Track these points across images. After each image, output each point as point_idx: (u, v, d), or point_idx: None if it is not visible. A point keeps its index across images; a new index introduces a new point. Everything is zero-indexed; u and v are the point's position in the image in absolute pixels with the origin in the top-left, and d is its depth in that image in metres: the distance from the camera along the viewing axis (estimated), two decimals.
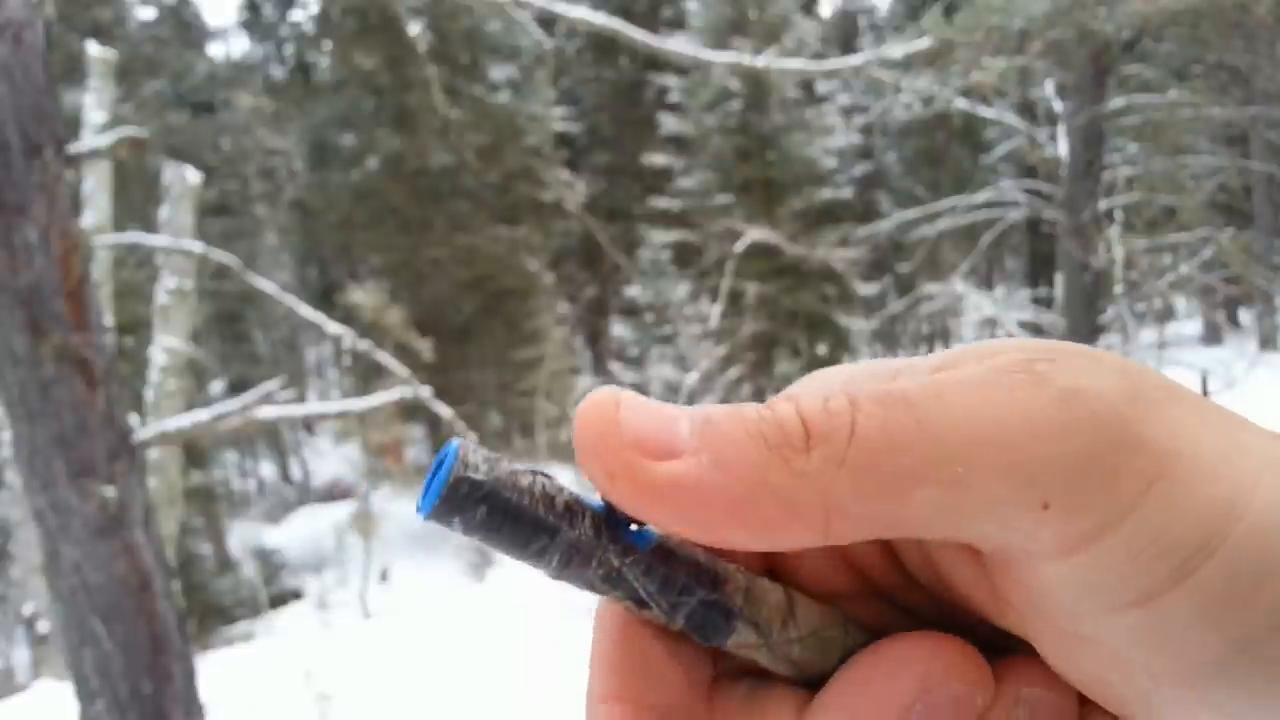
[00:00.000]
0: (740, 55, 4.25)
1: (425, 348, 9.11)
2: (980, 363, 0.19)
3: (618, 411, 0.19)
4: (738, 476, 0.18)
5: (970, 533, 0.18)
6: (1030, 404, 0.18)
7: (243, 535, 14.64)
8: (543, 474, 0.20)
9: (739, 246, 9.52)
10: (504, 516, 0.19)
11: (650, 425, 0.19)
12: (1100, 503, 0.17)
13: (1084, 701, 0.21)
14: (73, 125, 4.48)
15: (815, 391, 0.20)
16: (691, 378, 9.92)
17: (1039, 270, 19.64)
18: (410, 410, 9.35)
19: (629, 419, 0.19)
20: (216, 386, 14.86)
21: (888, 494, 0.18)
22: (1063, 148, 8.41)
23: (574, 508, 0.19)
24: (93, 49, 5.22)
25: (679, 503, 0.18)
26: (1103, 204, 7.92)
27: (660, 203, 14.71)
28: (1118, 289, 7.19)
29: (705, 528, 0.18)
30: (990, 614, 0.21)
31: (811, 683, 0.21)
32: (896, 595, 0.23)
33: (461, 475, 0.19)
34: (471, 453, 0.19)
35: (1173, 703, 0.19)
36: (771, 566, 0.23)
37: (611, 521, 0.20)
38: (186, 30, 20.43)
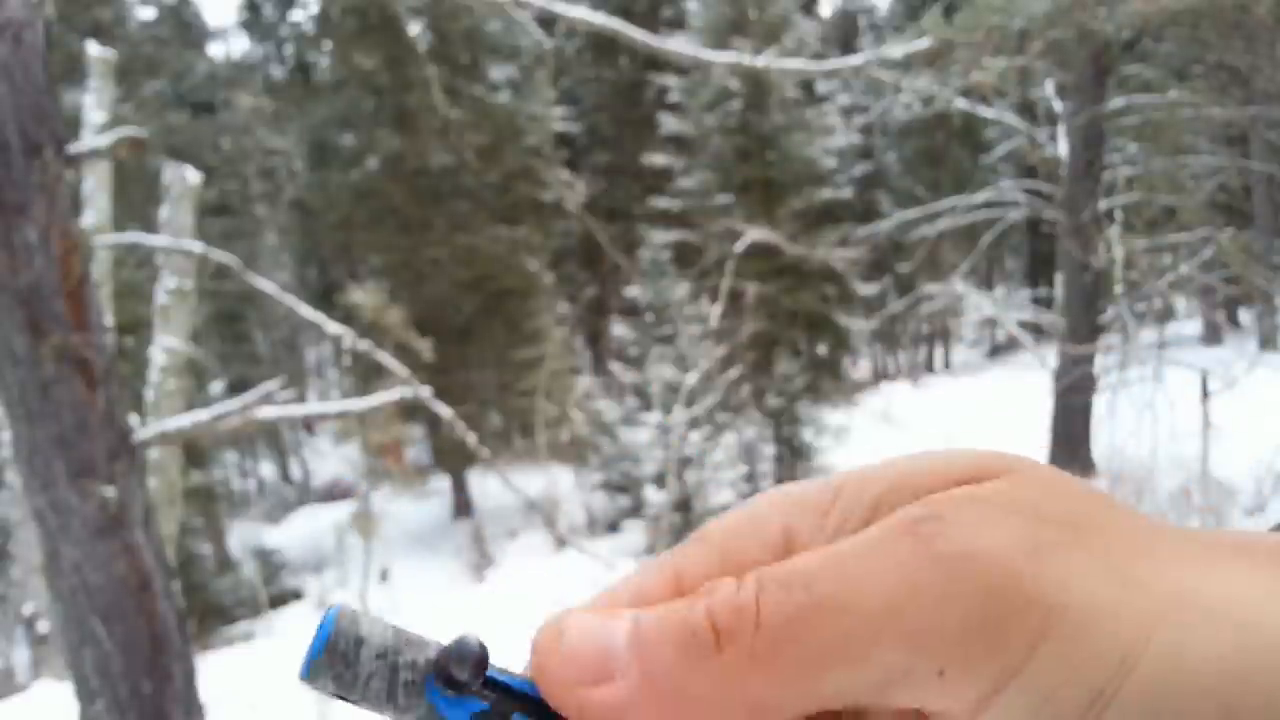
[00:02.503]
0: (740, 55, 4.25)
1: (425, 348, 9.11)
2: (878, 521, 0.19)
3: (559, 643, 0.20)
4: (662, 692, 0.19)
5: (888, 701, 0.19)
6: (915, 572, 0.18)
7: (243, 535, 14.64)
8: (404, 678, 0.21)
9: (739, 246, 9.53)
10: (366, 704, 0.20)
11: (588, 650, 0.20)
12: (988, 666, 0.18)
13: None
14: (73, 125, 4.47)
15: (739, 545, 0.21)
16: (691, 378, 9.92)
17: (1039, 270, 19.65)
18: (410, 410, 9.35)
19: (570, 646, 0.20)
20: (216, 386, 14.86)
21: (800, 679, 0.19)
22: (1063, 148, 8.41)
23: None
24: (93, 49, 5.22)
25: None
26: (1103, 204, 7.92)
27: (660, 203, 14.71)
28: (1118, 289, 7.19)
29: None
30: None
31: None
32: None
33: (323, 664, 0.20)
34: (342, 639, 0.20)
35: None
36: None
37: None
38: (186, 30, 20.44)
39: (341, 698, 0.20)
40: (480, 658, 0.21)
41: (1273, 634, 0.17)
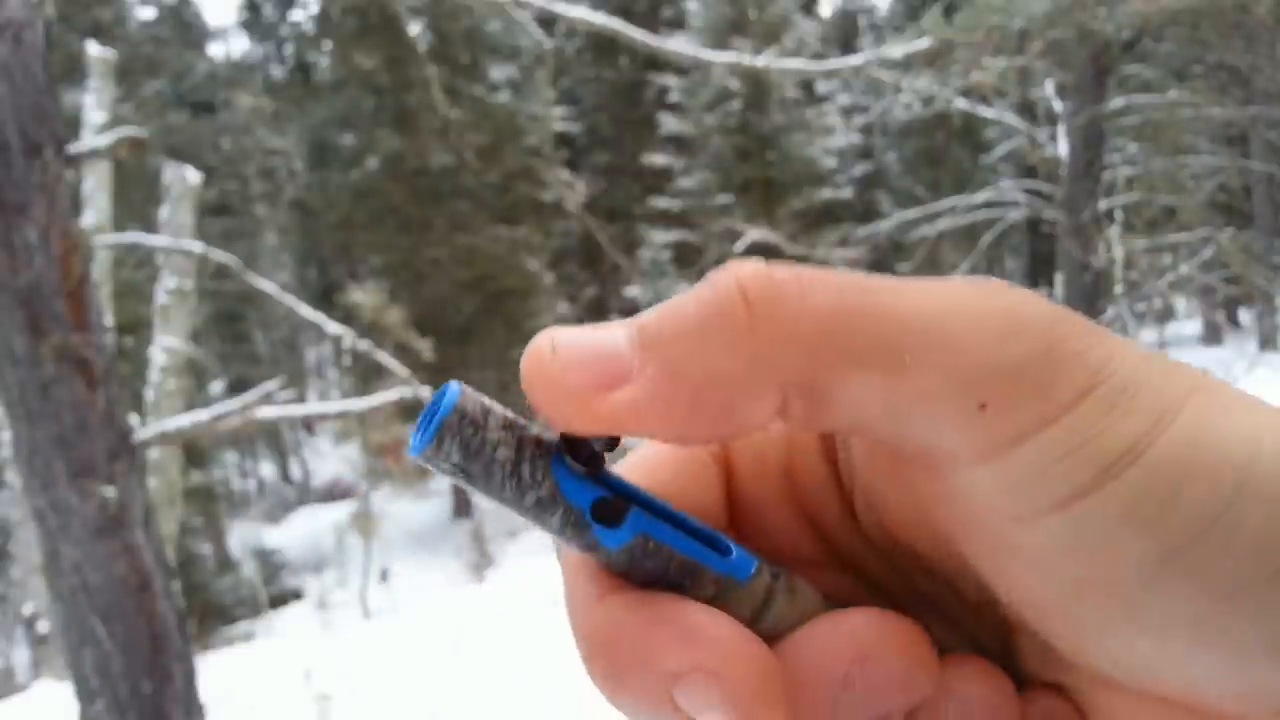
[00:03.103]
0: (740, 55, 4.25)
1: (425, 348, 9.11)
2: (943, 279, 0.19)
3: (555, 355, 0.19)
4: (690, 379, 0.18)
5: (902, 428, 0.19)
6: (981, 310, 0.18)
7: (243, 535, 14.64)
8: (530, 451, 0.20)
9: (739, 246, 9.53)
10: (484, 482, 0.19)
11: (591, 357, 0.19)
12: (1035, 405, 0.18)
13: (1026, 704, 0.22)
14: (73, 125, 4.47)
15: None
16: None
17: (1039, 270, 19.64)
18: (410, 410, 9.34)
19: (568, 358, 0.19)
20: (216, 386, 14.85)
21: (834, 368, 0.18)
22: (1063, 148, 8.41)
23: (546, 503, 0.20)
24: (93, 49, 5.22)
25: (642, 422, 0.18)
26: (1103, 204, 7.92)
27: (660, 203, 14.71)
28: (1118, 289, 7.19)
29: (672, 435, 0.19)
30: (928, 553, 0.22)
31: None
32: (859, 564, 0.24)
33: (453, 425, 0.19)
34: (466, 409, 0.19)
35: (1099, 617, 0.19)
36: (740, 529, 0.23)
37: (580, 523, 0.20)
38: (186, 30, 20.44)
39: (462, 470, 0.19)
40: (612, 439, 0.20)
41: None
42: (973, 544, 0.20)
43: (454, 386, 0.20)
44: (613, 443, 0.20)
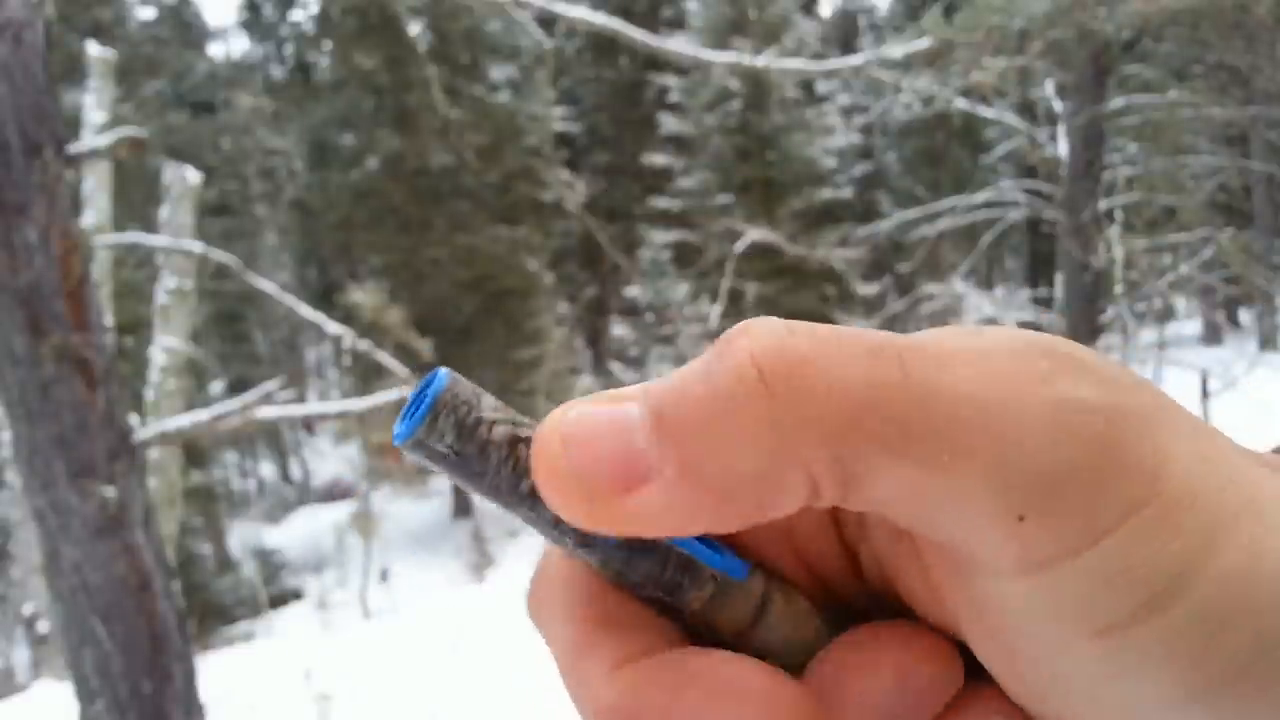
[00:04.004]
0: (740, 55, 4.25)
1: (425, 348, 9.11)
2: (982, 338, 0.17)
3: (566, 452, 0.17)
4: (712, 479, 0.16)
5: (930, 525, 0.17)
6: (1032, 400, 0.16)
7: (243, 535, 14.64)
8: (527, 434, 0.18)
9: (739, 246, 9.52)
10: (478, 466, 0.18)
11: (605, 455, 0.17)
12: (1078, 522, 0.16)
13: None
14: (73, 125, 4.47)
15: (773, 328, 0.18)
16: None
17: (1039, 270, 19.64)
18: None
19: (580, 458, 0.17)
20: (216, 386, 14.85)
21: (867, 460, 0.16)
22: (1063, 148, 8.41)
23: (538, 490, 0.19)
24: (93, 49, 5.22)
25: (665, 525, 0.17)
26: (1103, 204, 7.92)
27: (660, 203, 14.71)
28: (1118, 289, 7.19)
29: (697, 529, 0.17)
30: (941, 626, 0.21)
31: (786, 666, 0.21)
32: (855, 607, 0.23)
33: (447, 403, 0.18)
34: (458, 390, 0.18)
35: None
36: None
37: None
38: (186, 30, 20.43)
39: (455, 453, 0.18)
40: None
41: None
42: (991, 646, 0.19)
43: (443, 370, 0.18)
44: None
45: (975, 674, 0.21)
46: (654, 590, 0.20)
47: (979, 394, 0.16)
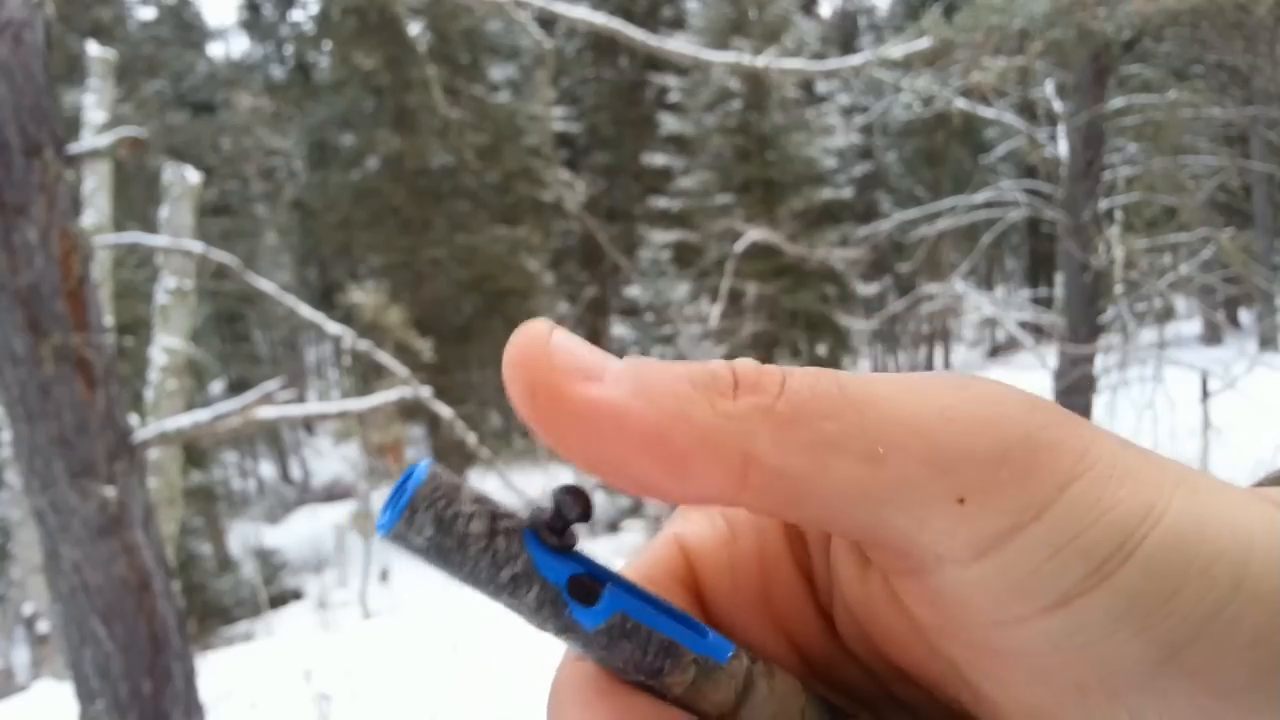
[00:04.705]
0: (740, 55, 4.25)
1: (425, 348, 9.12)
2: (909, 376, 0.19)
3: (550, 335, 0.19)
4: (659, 406, 0.18)
5: (881, 523, 0.18)
6: (951, 399, 0.18)
7: (243, 535, 14.64)
8: (504, 525, 0.19)
9: (739, 246, 9.52)
10: (458, 557, 0.19)
11: (580, 352, 0.19)
12: (1016, 498, 0.17)
13: None
14: (73, 125, 4.47)
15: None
16: None
17: (1039, 270, 19.64)
18: (410, 410, 9.35)
19: (560, 343, 0.19)
20: (216, 386, 14.85)
21: (808, 454, 0.17)
22: (1063, 148, 8.40)
23: (521, 580, 0.19)
24: (93, 49, 5.22)
25: (596, 426, 0.18)
26: (1103, 204, 7.92)
27: (660, 203, 14.71)
28: (1118, 289, 7.19)
29: (617, 459, 0.18)
30: (914, 662, 0.21)
31: None
32: (838, 675, 0.24)
33: (425, 497, 0.18)
34: (438, 484, 0.18)
35: (1100, 718, 0.18)
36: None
37: (556, 600, 0.19)
38: (186, 30, 20.43)
39: (434, 545, 0.18)
40: (585, 512, 0.19)
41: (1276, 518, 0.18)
42: (963, 648, 0.19)
43: (424, 463, 0.19)
44: (585, 512, 0.19)
45: None
46: (636, 674, 0.20)
47: (908, 397, 0.18)
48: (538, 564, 0.19)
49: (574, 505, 0.19)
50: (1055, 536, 0.17)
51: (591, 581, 0.20)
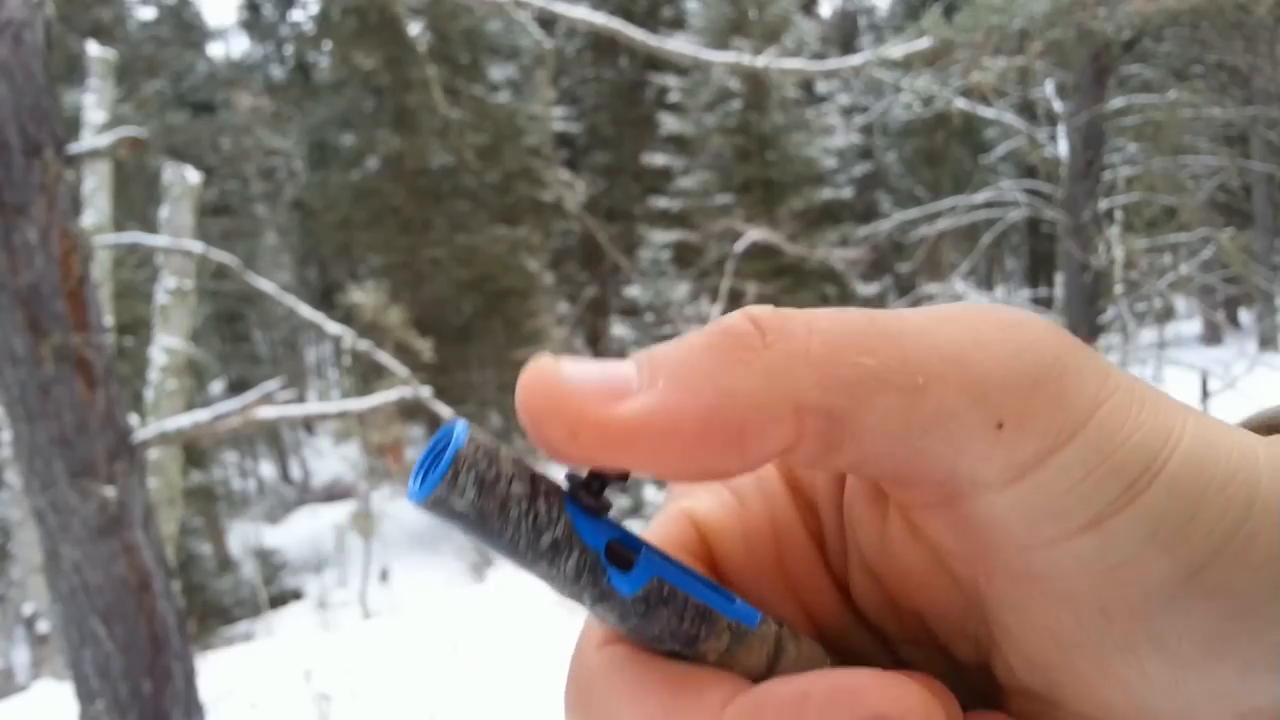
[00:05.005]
0: (740, 55, 4.25)
1: (425, 348, 9.11)
2: (935, 307, 0.19)
3: (560, 370, 0.18)
4: (699, 393, 0.17)
5: (921, 455, 0.18)
6: (984, 328, 0.18)
7: (243, 535, 14.64)
8: (544, 487, 0.19)
9: (739, 246, 9.52)
10: (499, 522, 0.18)
11: (597, 374, 0.18)
12: (1052, 421, 0.17)
13: None
14: (73, 125, 4.47)
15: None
16: None
17: (1039, 270, 19.64)
18: (410, 410, 9.35)
19: (574, 374, 0.18)
20: (216, 386, 14.86)
21: (851, 392, 0.17)
22: (1063, 148, 8.40)
23: (561, 545, 0.18)
24: (93, 49, 5.22)
25: (649, 438, 0.17)
26: (1103, 204, 7.92)
27: (660, 203, 14.71)
28: (1118, 289, 7.19)
29: (679, 460, 0.17)
30: (932, 601, 0.21)
31: None
32: (847, 642, 0.24)
33: (468, 457, 0.18)
34: (480, 443, 0.18)
35: (1121, 642, 0.19)
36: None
37: (595, 566, 0.19)
38: (186, 30, 20.43)
39: (476, 509, 0.18)
40: (623, 472, 0.18)
41: (1271, 443, 0.19)
42: (990, 576, 0.19)
43: (461, 423, 0.18)
44: (624, 472, 0.19)
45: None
46: (672, 643, 0.20)
47: (941, 327, 0.18)
48: (578, 528, 0.19)
49: (607, 482, 0.19)
50: (1089, 457, 0.17)
51: (625, 548, 0.19)
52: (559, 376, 0.18)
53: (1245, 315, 16.24)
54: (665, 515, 0.24)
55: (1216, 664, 0.18)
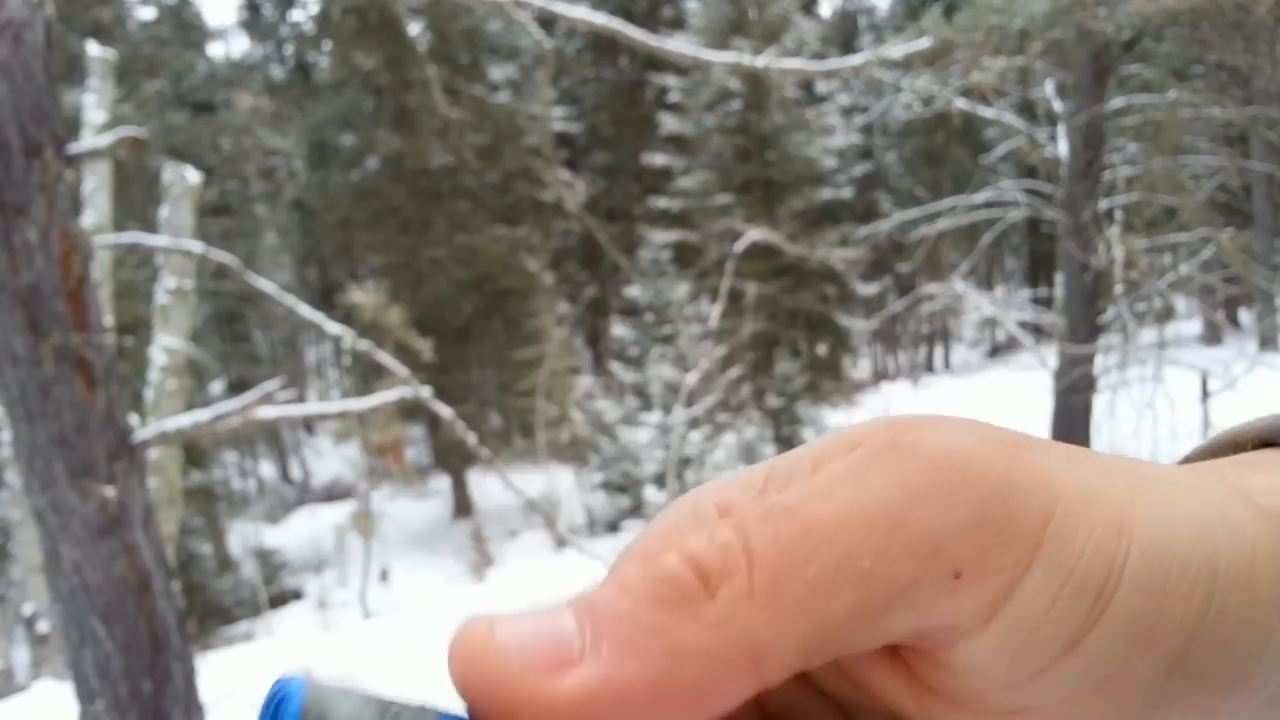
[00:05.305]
0: (740, 55, 4.25)
1: (425, 348, 9.11)
2: (849, 453, 0.18)
3: (494, 638, 0.16)
4: (649, 655, 0.16)
5: (892, 628, 0.17)
6: (910, 477, 0.17)
7: (243, 535, 14.64)
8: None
9: (739, 246, 9.52)
10: None
11: (535, 638, 0.16)
12: (1005, 556, 0.17)
13: None
14: (73, 125, 4.47)
15: (690, 525, 0.19)
16: (691, 377, 9.92)
17: (1039, 270, 19.65)
18: (410, 410, 9.35)
19: (509, 640, 0.16)
20: (216, 386, 14.86)
21: (805, 613, 0.16)
22: (1063, 148, 8.40)
23: None
24: (93, 49, 5.22)
25: (598, 710, 0.16)
26: (1103, 204, 7.92)
27: (660, 203, 14.72)
28: (1118, 289, 7.18)
29: (635, 715, 0.16)
30: None
31: None
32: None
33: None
34: (319, 696, 0.16)
35: None
36: None
37: None
38: (186, 30, 20.43)
39: None
40: None
41: (1229, 489, 0.19)
42: (982, 717, 0.19)
43: (294, 683, 0.16)
44: None
45: None
46: None
47: (866, 496, 0.17)
48: None
49: None
50: (1052, 580, 0.17)
51: None
52: (494, 645, 0.16)
53: (1245, 315, 16.25)
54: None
55: None
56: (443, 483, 15.46)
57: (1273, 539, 0.18)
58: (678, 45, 4.37)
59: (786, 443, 11.69)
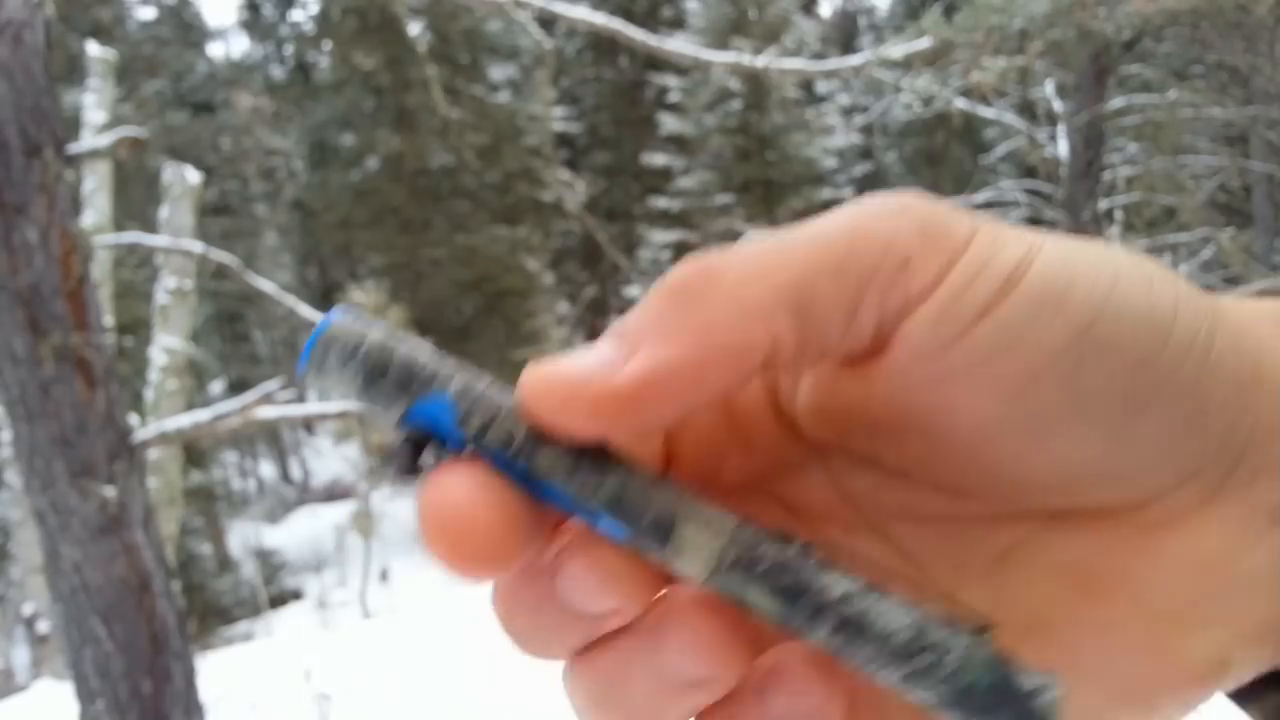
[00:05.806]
0: (740, 55, 4.25)
1: None
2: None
3: (555, 368, 0.20)
4: (685, 335, 0.20)
5: (865, 320, 0.21)
6: (872, 208, 0.22)
7: (243, 535, 14.64)
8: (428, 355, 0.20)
9: None
10: (375, 390, 0.20)
11: (587, 358, 0.20)
12: (942, 248, 0.21)
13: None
14: (73, 125, 4.47)
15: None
16: None
17: None
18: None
19: (568, 366, 0.20)
20: (216, 386, 14.86)
21: (797, 288, 0.20)
22: (1063, 148, 8.40)
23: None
24: (93, 49, 5.22)
25: (659, 385, 0.19)
26: (1103, 204, 7.91)
27: (660, 203, 14.71)
28: None
29: (695, 390, 0.20)
30: (876, 415, 0.23)
31: None
32: (786, 480, 0.25)
33: (334, 333, 0.19)
34: (349, 318, 0.20)
35: (1047, 410, 0.21)
36: (672, 447, 0.24)
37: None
38: (186, 30, 20.43)
39: (363, 376, 0.20)
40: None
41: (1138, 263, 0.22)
42: (917, 391, 0.22)
43: (340, 307, 0.20)
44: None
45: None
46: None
47: (833, 220, 0.22)
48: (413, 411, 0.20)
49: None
50: (972, 266, 0.21)
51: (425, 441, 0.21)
52: (557, 373, 0.20)
53: None
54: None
55: (1138, 419, 0.21)
56: None
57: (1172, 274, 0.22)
58: (678, 45, 4.37)
59: None
